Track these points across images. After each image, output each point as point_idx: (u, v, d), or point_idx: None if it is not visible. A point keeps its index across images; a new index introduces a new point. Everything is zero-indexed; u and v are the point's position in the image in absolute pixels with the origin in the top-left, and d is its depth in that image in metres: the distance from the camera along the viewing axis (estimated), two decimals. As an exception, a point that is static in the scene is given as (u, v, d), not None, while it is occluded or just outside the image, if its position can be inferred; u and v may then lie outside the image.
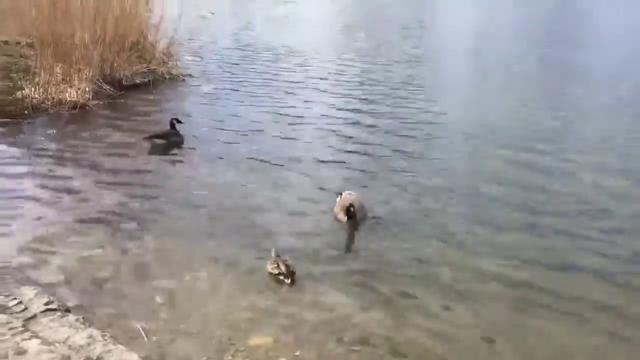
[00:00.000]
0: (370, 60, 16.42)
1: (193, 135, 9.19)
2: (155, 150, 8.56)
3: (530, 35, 22.30)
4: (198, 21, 18.95)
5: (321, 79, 14.05)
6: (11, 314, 3.80)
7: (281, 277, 4.99)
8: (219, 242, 5.77)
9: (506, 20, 26.89)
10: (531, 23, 26.05)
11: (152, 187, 7.25)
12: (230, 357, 4.04)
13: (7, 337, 3.55)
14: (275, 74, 14.53)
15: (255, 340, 4.23)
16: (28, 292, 4.05)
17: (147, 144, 8.69)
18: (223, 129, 9.69)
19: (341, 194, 6.46)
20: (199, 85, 13.27)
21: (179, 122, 8.93)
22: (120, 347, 3.53)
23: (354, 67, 15.66)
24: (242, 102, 11.67)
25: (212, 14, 20.34)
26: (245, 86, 13.15)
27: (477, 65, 16.74)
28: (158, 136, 8.79)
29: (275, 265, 5.06)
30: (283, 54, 17.75)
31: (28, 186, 7.16)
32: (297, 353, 4.11)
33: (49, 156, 8.34)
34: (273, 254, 5.22)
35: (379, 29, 23.89)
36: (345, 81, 13.81)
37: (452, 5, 32.38)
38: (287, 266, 5.04)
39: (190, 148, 8.80)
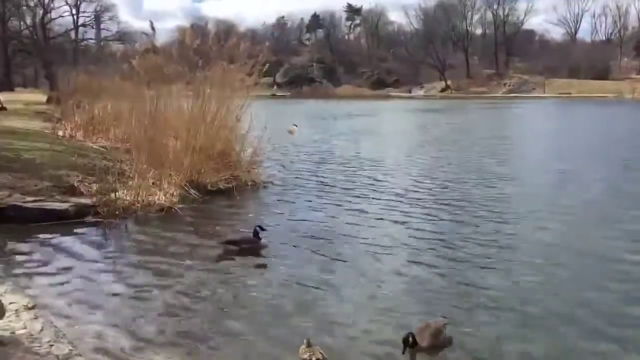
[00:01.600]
0: (449, 176, 16.41)
1: (271, 241, 9.30)
2: (235, 255, 8.69)
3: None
4: (282, 133, 19.86)
5: (400, 189, 14.14)
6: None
7: None
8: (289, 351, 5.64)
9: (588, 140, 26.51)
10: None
11: (231, 295, 7.26)
12: None
13: None
14: (354, 184, 14.78)
15: None
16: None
17: (227, 248, 8.86)
18: (302, 237, 9.78)
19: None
20: (280, 193, 13.65)
21: (262, 229, 9.10)
22: None
23: (434, 178, 15.73)
24: (322, 210, 11.84)
25: (296, 126, 21.27)
26: (325, 195, 13.42)
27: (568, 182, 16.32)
28: (240, 242, 8.97)
29: (309, 353, 5.27)
30: (361, 164, 18.16)
31: (110, 287, 7.36)
32: None
33: (133, 257, 8.64)
34: (305, 343, 5.41)
35: (458, 144, 24.08)
36: (427, 192, 13.79)
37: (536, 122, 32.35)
38: (321, 353, 5.26)
39: (270, 256, 8.88)
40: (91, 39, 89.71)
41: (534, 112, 53.50)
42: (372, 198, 12.98)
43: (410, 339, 5.34)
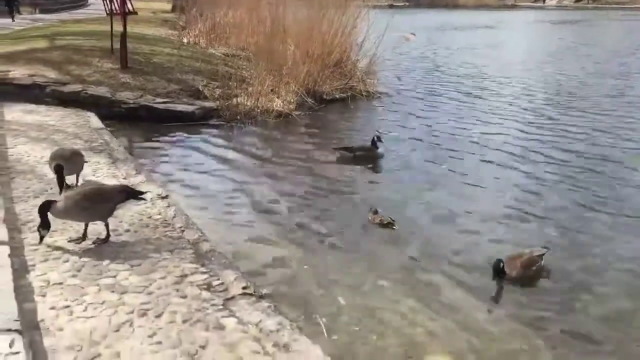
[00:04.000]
0: (570, 90, 15.39)
1: (387, 151, 9.36)
2: (353, 162, 8.87)
3: None
4: (399, 42, 19.39)
5: (515, 102, 13.56)
6: (214, 292, 4.18)
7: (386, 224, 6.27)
8: (407, 256, 5.79)
9: None
10: None
11: (346, 196, 7.49)
12: (406, 370, 4.02)
13: (210, 312, 3.91)
14: (469, 96, 14.34)
15: (433, 357, 4.16)
16: (229, 275, 4.42)
17: (342, 154, 9.04)
18: (415, 148, 9.76)
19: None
20: (394, 103, 13.54)
21: (380, 139, 9.14)
22: (305, 338, 3.69)
23: (552, 94, 14.86)
24: (435, 121, 11.68)
25: (414, 34, 20.63)
26: (440, 106, 13.15)
27: None
28: (356, 149, 9.09)
29: (380, 218, 6.35)
30: (478, 77, 17.44)
31: (236, 182, 7.87)
32: (476, 377, 3.96)
33: (255, 158, 9.11)
34: (372, 211, 6.47)
35: (592, 59, 22.32)
36: (541, 106, 13.13)
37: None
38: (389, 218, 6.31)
39: (386, 165, 8.98)
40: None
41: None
42: (490, 113, 12.55)
43: (501, 265, 5.18)
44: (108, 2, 12.85)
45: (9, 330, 3.21)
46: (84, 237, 4.72)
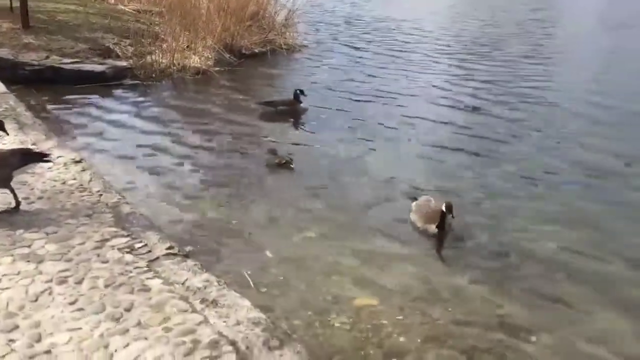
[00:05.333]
0: (490, 38, 15.80)
1: (309, 104, 9.32)
2: (275, 117, 8.79)
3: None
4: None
5: (436, 51, 13.80)
6: (137, 255, 4.08)
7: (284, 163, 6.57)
8: (327, 205, 5.88)
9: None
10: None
11: (266, 150, 7.45)
12: (334, 315, 4.11)
13: (133, 274, 3.82)
14: (389, 45, 14.46)
15: (360, 301, 4.28)
16: (152, 237, 4.32)
17: (264, 109, 8.93)
18: (335, 100, 9.78)
19: (416, 199, 5.73)
20: (315, 56, 13.45)
21: (303, 94, 9.06)
22: (234, 293, 3.69)
23: (474, 41, 15.21)
24: (358, 73, 11.72)
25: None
26: (359, 57, 13.18)
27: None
28: (278, 103, 9.00)
29: (278, 158, 6.60)
30: (399, 26, 17.58)
31: (153, 143, 7.65)
32: (401, 317, 4.11)
33: (173, 117, 8.86)
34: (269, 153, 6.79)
35: (505, 10, 22.89)
36: (463, 56, 13.45)
37: None
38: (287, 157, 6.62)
39: (308, 119, 8.95)
40: None
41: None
42: (409, 64, 12.72)
43: (451, 216, 5.19)
44: (2, -45, 11.90)
45: None
46: (-9, 207, 4.46)
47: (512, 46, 14.43)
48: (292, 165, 6.77)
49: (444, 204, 5.20)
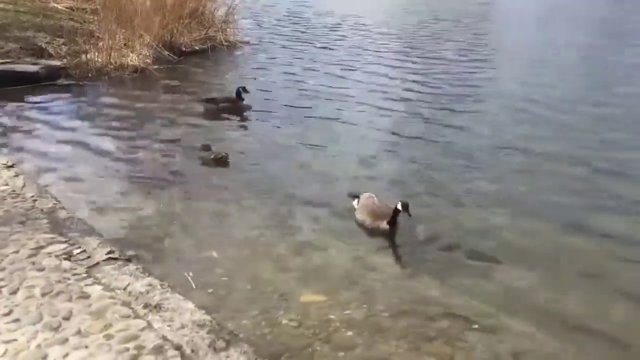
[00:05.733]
0: (431, 33, 16.08)
1: (252, 101, 9.24)
2: (217, 115, 8.69)
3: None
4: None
5: (377, 46, 13.94)
6: (75, 261, 3.96)
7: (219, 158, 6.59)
8: (270, 202, 5.85)
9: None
10: None
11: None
12: (282, 313, 4.10)
13: (72, 282, 3.71)
14: (331, 41, 14.50)
15: (307, 297, 4.28)
16: (91, 242, 4.20)
17: (206, 107, 8.82)
18: (278, 96, 9.75)
19: (357, 197, 5.65)
20: (257, 52, 13.37)
21: (246, 91, 8.97)
22: (178, 296, 3.63)
23: (414, 37, 15.44)
24: (298, 68, 11.72)
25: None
26: (302, 53, 13.18)
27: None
28: (220, 100, 8.89)
29: (214, 154, 6.61)
30: (341, 22, 17.65)
31: (90, 144, 7.42)
32: (348, 312, 4.14)
33: (110, 117, 8.63)
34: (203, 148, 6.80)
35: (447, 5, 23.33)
36: (402, 50, 13.65)
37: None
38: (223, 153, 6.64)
39: (251, 116, 8.88)
40: None
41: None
42: (353, 59, 12.80)
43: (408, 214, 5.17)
44: None
45: None
46: None
47: (452, 41, 14.70)
48: (228, 160, 6.74)
49: (399, 202, 5.19)
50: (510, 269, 4.76)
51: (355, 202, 5.61)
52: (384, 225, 5.30)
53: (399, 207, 5.18)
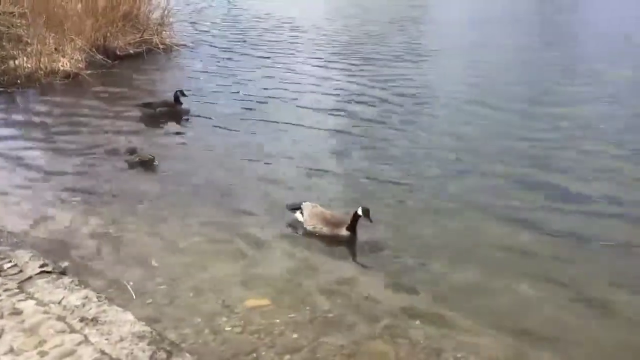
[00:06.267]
0: (368, 36, 16.24)
1: (191, 105, 9.08)
2: (154, 119, 8.50)
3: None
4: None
5: (315, 46, 14.00)
6: (6, 276, 3.80)
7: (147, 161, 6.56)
8: (210, 208, 5.78)
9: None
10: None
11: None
12: (225, 319, 4.05)
13: (2, 298, 3.55)
14: (269, 44, 14.44)
15: (251, 302, 4.25)
16: (23, 255, 4.05)
17: (143, 111, 8.62)
18: (216, 99, 9.64)
19: (298, 209, 5.43)
20: (194, 56, 13.18)
21: (184, 94, 8.81)
22: (116, 307, 3.54)
23: (350, 35, 15.59)
24: (236, 71, 11.63)
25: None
26: (239, 56, 13.07)
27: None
28: (157, 105, 8.69)
29: (139, 157, 6.60)
30: (278, 24, 17.60)
31: (19, 154, 7.13)
32: (292, 315, 4.13)
33: (41, 125, 8.32)
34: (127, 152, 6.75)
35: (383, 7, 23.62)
36: (340, 50, 13.74)
37: None
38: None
39: (190, 120, 8.74)
40: None
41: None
42: (286, 58, 12.82)
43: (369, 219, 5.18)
44: None
45: None
46: None
47: (387, 43, 14.86)
48: (155, 163, 6.69)
49: (359, 208, 5.15)
50: (452, 268, 4.87)
51: (298, 214, 5.45)
52: (343, 232, 5.25)
53: (360, 212, 5.14)
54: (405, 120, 8.61)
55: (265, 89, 10.24)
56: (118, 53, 12.34)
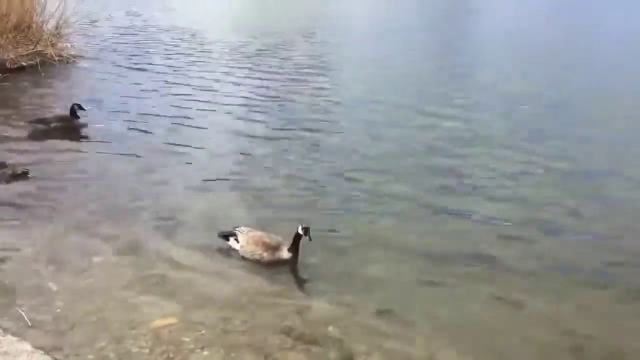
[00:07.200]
0: (275, 47, 16.27)
1: (88, 119, 8.71)
2: (49, 135, 8.07)
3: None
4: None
5: (217, 59, 13.89)
6: None
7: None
8: (112, 226, 5.58)
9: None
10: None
11: (46, 174, 6.84)
12: (132, 342, 3.91)
13: None
14: (171, 55, 14.18)
15: (158, 322, 4.12)
16: None
17: (35, 128, 8.18)
18: (115, 114, 9.29)
19: (233, 235, 5.22)
20: (92, 68, 12.69)
21: (82, 108, 8.43)
22: (11, 337, 3.32)
23: (254, 47, 15.60)
24: (134, 83, 11.33)
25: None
26: (139, 67, 12.73)
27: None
28: (51, 120, 8.28)
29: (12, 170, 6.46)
30: (177, 35, 17.32)
31: None
32: (202, 332, 4.05)
33: None
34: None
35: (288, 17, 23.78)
36: (243, 61, 13.71)
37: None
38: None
39: (84, 132, 8.39)
40: None
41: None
42: (193, 69, 12.65)
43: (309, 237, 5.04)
44: None
45: None
46: None
47: (290, 57, 14.84)
48: (29, 175, 6.56)
49: (300, 227, 5.02)
50: (371, 271, 4.99)
51: (232, 241, 5.22)
52: (285, 254, 5.11)
53: (300, 231, 5.01)
54: (316, 130, 8.73)
55: (165, 103, 9.98)
56: (8, 66, 11.65)
